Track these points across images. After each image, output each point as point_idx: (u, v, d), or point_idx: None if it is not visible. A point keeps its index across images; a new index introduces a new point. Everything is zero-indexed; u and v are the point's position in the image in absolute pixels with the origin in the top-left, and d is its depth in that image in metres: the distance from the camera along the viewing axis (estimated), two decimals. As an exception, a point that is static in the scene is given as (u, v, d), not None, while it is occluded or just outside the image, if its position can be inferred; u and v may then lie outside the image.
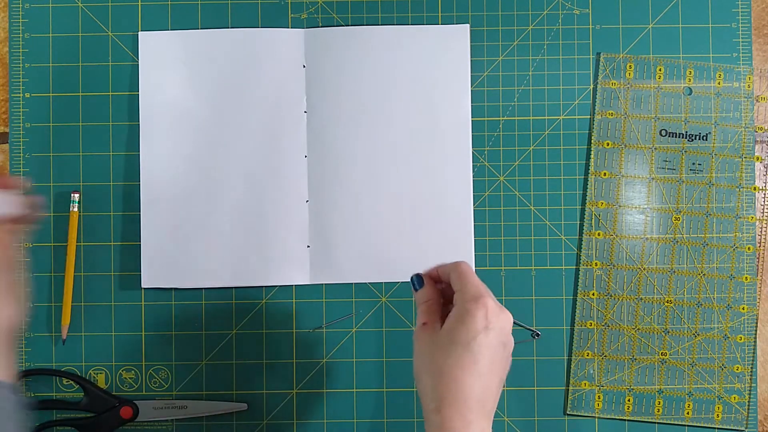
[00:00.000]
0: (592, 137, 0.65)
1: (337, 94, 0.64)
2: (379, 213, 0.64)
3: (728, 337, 0.64)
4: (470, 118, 0.64)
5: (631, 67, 0.65)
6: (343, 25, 0.65)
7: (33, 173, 0.64)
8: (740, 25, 0.65)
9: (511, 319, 0.49)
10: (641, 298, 0.64)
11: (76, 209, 0.64)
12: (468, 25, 0.65)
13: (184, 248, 0.64)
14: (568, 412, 0.64)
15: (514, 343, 0.65)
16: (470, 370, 0.47)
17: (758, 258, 0.64)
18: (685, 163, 0.64)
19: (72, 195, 0.64)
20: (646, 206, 0.64)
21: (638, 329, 0.64)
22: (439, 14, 0.65)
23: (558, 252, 0.64)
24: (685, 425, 0.64)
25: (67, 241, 0.64)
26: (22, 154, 0.65)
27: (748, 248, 0.64)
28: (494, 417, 0.64)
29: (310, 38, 0.64)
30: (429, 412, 0.47)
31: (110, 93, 0.65)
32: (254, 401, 0.64)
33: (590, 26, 0.65)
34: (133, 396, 0.64)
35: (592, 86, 0.65)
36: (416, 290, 0.51)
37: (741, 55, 0.65)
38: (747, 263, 0.64)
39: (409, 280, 0.52)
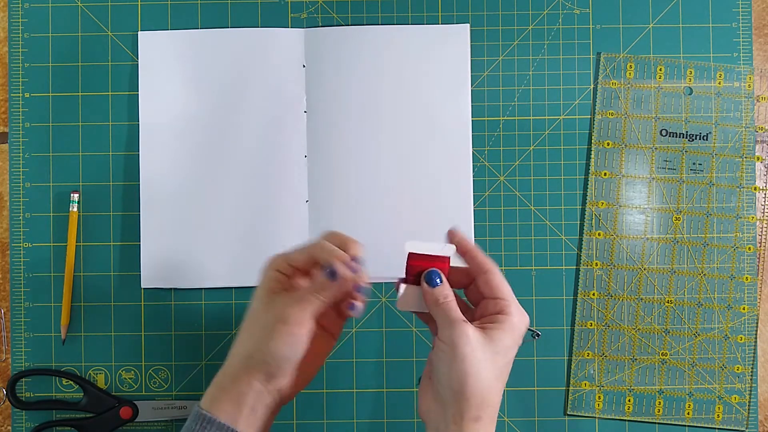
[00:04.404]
0: (593, 137, 0.65)
1: (337, 94, 0.64)
2: (379, 213, 0.64)
3: (729, 338, 0.64)
4: (470, 118, 0.64)
5: (631, 67, 0.65)
6: (343, 25, 0.65)
7: (32, 173, 0.64)
8: (741, 24, 0.65)
9: None
10: (642, 299, 0.64)
11: (75, 209, 0.64)
12: (468, 25, 0.65)
13: (184, 248, 0.64)
14: (568, 413, 0.64)
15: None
16: (504, 380, 0.47)
17: (759, 258, 0.64)
18: (686, 163, 0.64)
19: (71, 195, 0.64)
20: (646, 206, 0.64)
21: (639, 329, 0.64)
22: (439, 14, 0.65)
23: (558, 252, 0.64)
24: (685, 425, 0.64)
25: (67, 241, 0.64)
26: (21, 154, 0.64)
27: (749, 248, 0.64)
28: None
29: (310, 38, 0.64)
30: (466, 420, 0.45)
31: (110, 93, 0.65)
32: (254, 401, 0.64)
33: (590, 26, 0.65)
34: (132, 396, 0.64)
35: (592, 86, 0.65)
36: (434, 287, 0.47)
37: (741, 54, 0.65)
38: (747, 263, 0.64)
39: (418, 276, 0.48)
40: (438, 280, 0.47)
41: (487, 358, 0.45)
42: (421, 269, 0.48)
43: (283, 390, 0.48)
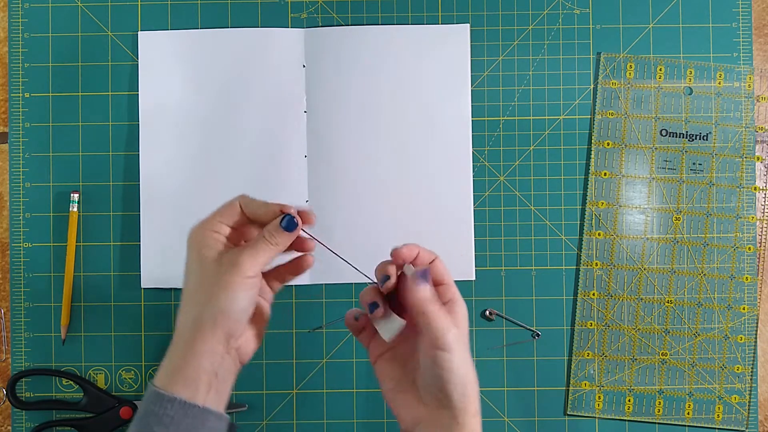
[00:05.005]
0: (593, 137, 0.65)
1: (337, 94, 0.64)
2: (379, 213, 0.64)
3: (729, 338, 0.64)
4: (470, 118, 0.64)
5: (631, 67, 0.65)
6: (343, 25, 0.65)
7: (33, 173, 0.64)
8: (741, 24, 0.65)
9: None
10: (642, 299, 0.64)
11: (75, 209, 0.64)
12: (468, 25, 0.65)
13: (184, 248, 0.63)
14: (568, 413, 0.64)
15: (515, 343, 0.65)
16: None
17: (759, 258, 0.64)
18: (686, 163, 0.64)
19: (72, 195, 0.64)
20: (646, 206, 0.64)
21: (639, 329, 0.64)
22: (439, 14, 0.65)
23: (558, 252, 0.64)
24: (685, 425, 0.64)
25: (67, 241, 0.64)
26: (21, 154, 0.64)
27: (749, 248, 0.64)
28: (494, 417, 0.64)
29: (310, 38, 0.64)
30: (471, 416, 0.45)
31: (110, 93, 0.65)
32: (254, 401, 0.64)
33: (590, 26, 0.65)
34: (132, 396, 0.64)
35: (592, 86, 0.65)
36: (424, 286, 0.46)
37: (741, 54, 0.65)
38: (747, 263, 0.64)
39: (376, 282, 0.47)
40: (426, 278, 0.46)
41: (467, 350, 0.46)
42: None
43: (242, 350, 0.47)
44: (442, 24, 0.65)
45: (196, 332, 0.45)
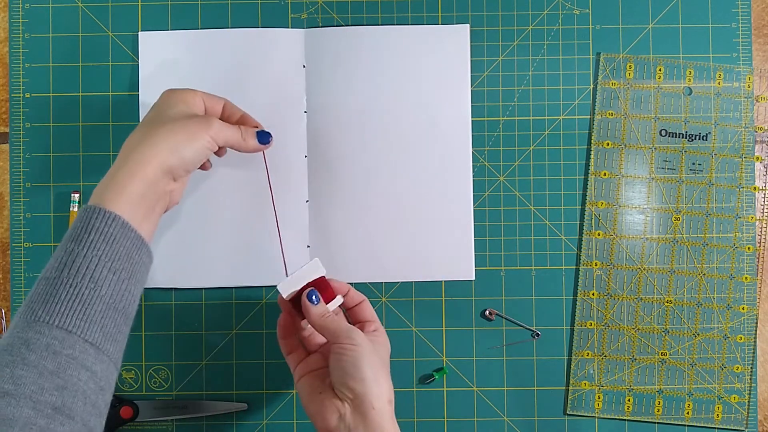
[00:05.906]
0: (592, 137, 0.65)
1: (337, 94, 0.64)
2: (379, 213, 0.64)
3: (728, 337, 0.64)
4: (470, 118, 0.64)
5: (631, 67, 0.65)
6: (343, 25, 0.65)
7: (33, 173, 0.65)
8: (740, 25, 0.65)
9: None
10: (641, 298, 0.64)
11: (76, 209, 0.64)
12: (468, 25, 0.65)
13: (184, 248, 0.64)
14: (568, 412, 0.64)
15: (515, 343, 0.65)
16: (389, 379, 0.53)
17: (758, 258, 0.64)
18: (685, 163, 0.64)
19: (72, 195, 0.64)
20: (646, 206, 0.64)
21: (638, 329, 0.64)
22: (439, 14, 0.65)
23: (558, 252, 0.64)
24: (685, 425, 0.64)
25: (67, 241, 0.64)
26: (22, 154, 0.65)
27: (748, 248, 0.64)
28: (494, 417, 0.64)
29: (310, 38, 0.64)
30: (383, 403, 0.49)
31: (110, 93, 0.65)
32: (254, 401, 0.64)
33: (590, 26, 0.65)
34: (133, 396, 0.64)
35: (592, 86, 0.65)
36: (316, 304, 0.53)
37: (741, 55, 0.65)
38: (747, 263, 0.64)
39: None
40: (315, 299, 0.53)
41: (379, 357, 0.51)
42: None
43: (172, 196, 0.51)
44: (442, 24, 0.65)
45: (143, 162, 0.47)
